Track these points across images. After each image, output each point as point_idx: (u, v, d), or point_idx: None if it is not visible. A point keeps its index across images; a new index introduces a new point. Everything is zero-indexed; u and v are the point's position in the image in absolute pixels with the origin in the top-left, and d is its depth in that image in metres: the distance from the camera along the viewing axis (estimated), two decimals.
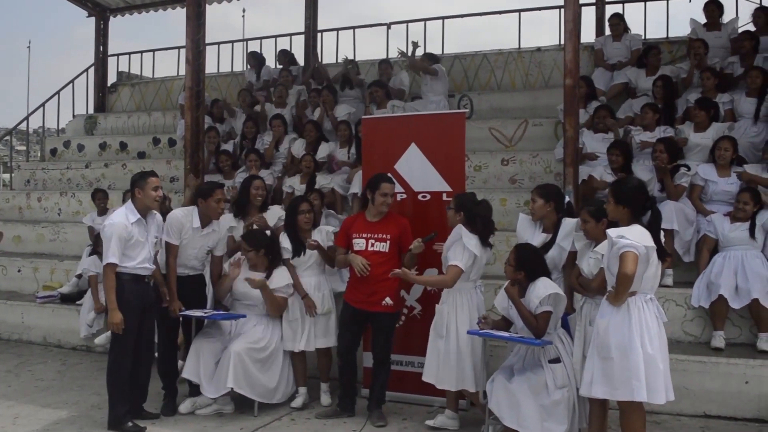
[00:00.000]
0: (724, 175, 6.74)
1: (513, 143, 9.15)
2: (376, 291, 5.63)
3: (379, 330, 5.73)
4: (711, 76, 7.79)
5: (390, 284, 5.66)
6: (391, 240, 5.67)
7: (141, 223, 5.46)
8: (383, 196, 5.65)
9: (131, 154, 11.71)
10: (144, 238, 5.47)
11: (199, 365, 5.79)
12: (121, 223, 5.35)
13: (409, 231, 5.72)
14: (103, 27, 13.27)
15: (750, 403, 5.57)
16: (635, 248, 4.16)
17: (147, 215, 5.54)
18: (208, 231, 5.97)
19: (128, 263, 5.38)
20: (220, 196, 5.92)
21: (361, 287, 5.68)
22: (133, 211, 5.46)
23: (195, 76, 8.14)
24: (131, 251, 5.39)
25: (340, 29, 12.55)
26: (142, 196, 5.47)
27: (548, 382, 4.80)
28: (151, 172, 5.62)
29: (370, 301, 5.65)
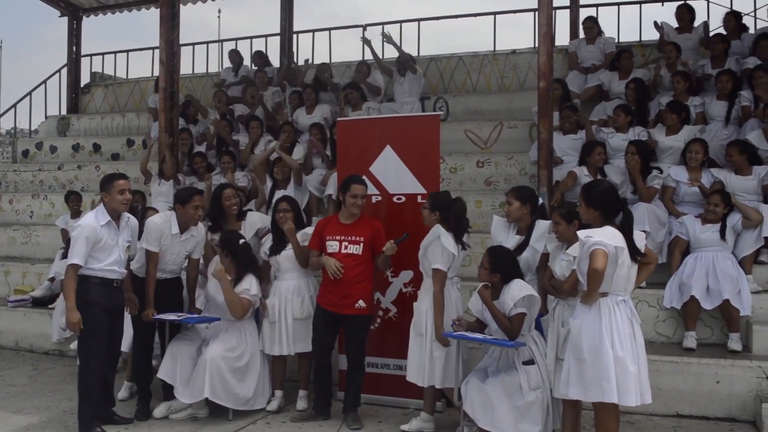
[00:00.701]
0: (695, 177, 6.82)
1: (488, 145, 9.19)
2: (349, 294, 5.60)
3: (353, 333, 5.72)
4: (681, 80, 7.88)
5: (363, 287, 5.66)
6: (364, 242, 5.66)
7: (111, 226, 5.40)
8: (353, 198, 5.64)
9: (105, 155, 11.58)
10: (114, 241, 5.41)
11: (176, 367, 5.76)
12: (90, 225, 5.28)
13: (382, 233, 5.72)
14: (76, 27, 13.13)
15: (721, 403, 5.65)
16: (604, 246, 4.20)
17: (119, 218, 5.48)
18: (187, 237, 5.94)
19: (95, 265, 5.32)
20: (197, 202, 5.88)
21: (333, 290, 5.65)
22: (104, 214, 5.40)
23: (169, 77, 8.12)
24: (99, 253, 5.33)
25: (316, 30, 12.55)
26: (109, 200, 5.40)
27: (522, 384, 4.83)
28: (119, 175, 5.54)
29: (343, 304, 5.62)
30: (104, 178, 5.54)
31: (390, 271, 6.09)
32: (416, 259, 5.58)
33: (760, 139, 7.05)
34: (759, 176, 6.70)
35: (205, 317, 5.92)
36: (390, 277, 6.11)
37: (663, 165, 7.09)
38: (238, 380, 5.79)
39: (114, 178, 5.46)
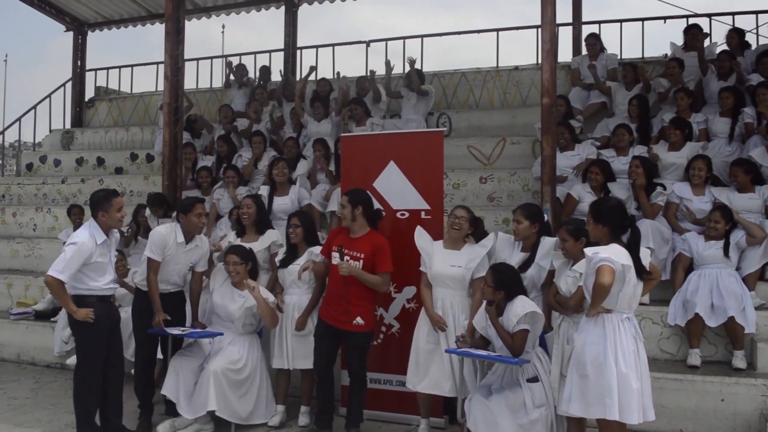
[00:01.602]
0: (698, 193, 6.82)
1: (491, 161, 9.20)
2: (349, 310, 5.52)
3: (353, 349, 5.67)
4: (684, 96, 7.90)
5: (363, 303, 5.57)
6: (364, 259, 5.57)
7: (105, 244, 5.34)
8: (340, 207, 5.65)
9: (108, 169, 11.61)
10: (106, 258, 5.35)
11: (179, 383, 5.73)
12: (86, 244, 5.18)
13: (382, 250, 5.59)
14: (81, 42, 13.23)
15: (725, 421, 5.62)
16: (612, 263, 4.20)
17: (109, 233, 5.44)
18: (191, 246, 5.94)
19: (93, 284, 5.27)
20: (200, 210, 5.89)
21: (334, 304, 5.60)
22: (99, 232, 5.32)
23: (173, 91, 8.13)
24: (94, 273, 5.27)
25: (320, 46, 12.59)
26: (107, 218, 5.33)
27: (526, 401, 4.81)
28: (114, 192, 5.49)
29: (343, 319, 5.54)
30: (99, 195, 5.43)
31: (393, 287, 6.08)
32: (418, 275, 5.58)
33: (763, 156, 7.05)
34: (763, 195, 6.69)
35: (209, 332, 5.90)
36: (393, 292, 6.10)
37: (666, 181, 7.09)
38: (239, 395, 5.77)
39: (111, 197, 5.38)
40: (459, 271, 5.46)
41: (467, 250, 5.52)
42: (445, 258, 5.48)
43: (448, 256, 5.48)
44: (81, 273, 5.20)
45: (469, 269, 5.47)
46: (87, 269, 5.22)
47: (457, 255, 5.49)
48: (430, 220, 5.97)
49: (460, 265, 5.46)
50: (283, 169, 7.94)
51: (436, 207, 5.99)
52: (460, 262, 5.47)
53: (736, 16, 10.30)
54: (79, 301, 5.24)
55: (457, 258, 5.48)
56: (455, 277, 5.47)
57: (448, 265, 5.45)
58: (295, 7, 12.32)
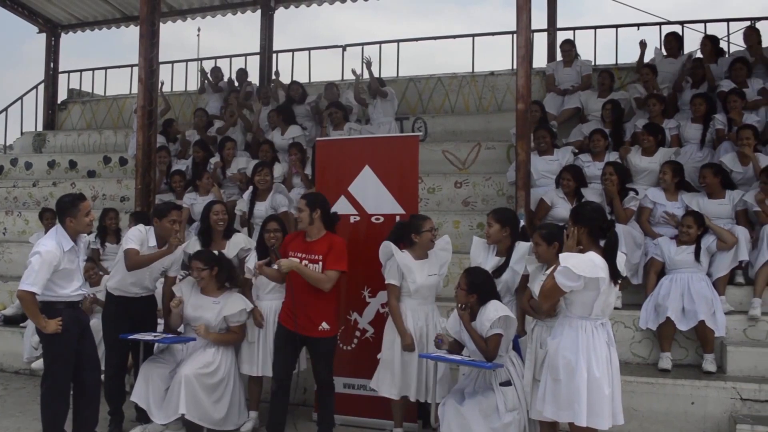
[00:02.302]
0: (671, 199, 6.89)
1: (466, 166, 9.24)
2: (311, 315, 5.43)
3: (319, 356, 5.56)
4: (657, 102, 8.00)
5: (325, 308, 5.50)
6: (323, 261, 5.47)
7: (73, 251, 5.21)
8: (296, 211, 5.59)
9: (81, 172, 11.49)
10: (74, 264, 5.23)
11: (149, 390, 5.66)
12: (52, 252, 5.03)
13: (336, 248, 5.47)
14: (54, 43, 13.11)
15: (696, 424, 5.67)
16: (566, 287, 4.25)
17: (77, 239, 5.30)
18: None
19: (62, 291, 5.14)
20: (175, 216, 5.84)
21: (295, 310, 5.46)
22: (66, 238, 5.17)
23: (147, 94, 8.07)
24: (63, 281, 5.14)
25: (296, 50, 12.57)
26: (75, 224, 5.19)
27: (499, 405, 4.81)
28: (81, 196, 5.34)
29: (306, 325, 5.44)
30: (66, 200, 5.28)
31: (367, 291, 6.07)
32: None
33: (734, 161, 7.15)
34: (733, 201, 6.77)
35: (182, 337, 5.85)
36: (368, 297, 6.09)
37: (639, 186, 7.15)
38: (212, 399, 5.71)
39: (79, 200, 5.25)
40: (435, 279, 5.54)
41: (434, 258, 5.56)
42: (421, 269, 5.46)
43: (422, 267, 5.48)
44: (49, 280, 5.07)
45: (442, 275, 5.56)
46: (55, 276, 5.09)
47: (429, 263, 5.51)
48: None
49: (435, 272, 5.52)
50: (265, 177, 7.81)
51: (411, 212, 5.96)
52: (434, 270, 5.52)
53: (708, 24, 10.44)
54: (47, 307, 5.12)
55: (430, 266, 5.51)
56: (433, 286, 5.54)
57: (426, 276, 5.46)
58: (272, 10, 12.29)
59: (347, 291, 6.16)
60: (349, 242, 6.13)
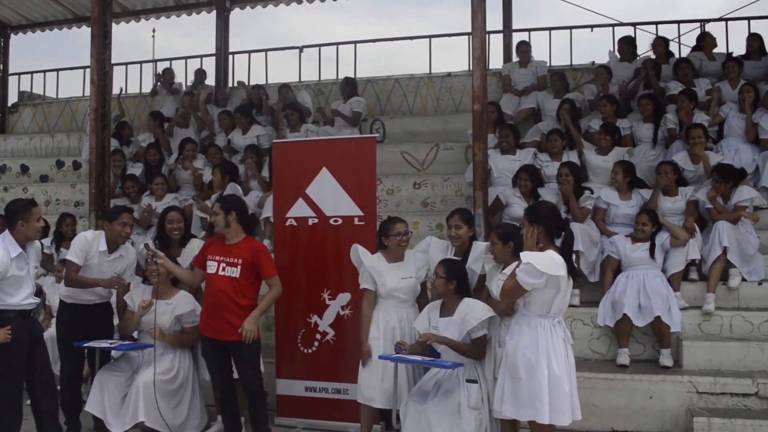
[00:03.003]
0: (625, 198, 6.99)
1: (425, 167, 9.25)
2: (228, 318, 5.33)
3: (242, 361, 5.43)
4: (608, 103, 8.12)
5: (242, 310, 5.38)
6: (242, 265, 5.39)
7: (22, 257, 5.05)
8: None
9: (33, 177, 11.22)
10: (24, 271, 5.06)
11: (104, 399, 5.55)
12: (1, 259, 4.88)
13: (264, 255, 5.47)
14: (4, 44, 12.82)
15: (654, 418, 5.76)
16: (528, 285, 4.28)
17: (26, 246, 5.15)
18: (116, 256, 5.80)
19: (11, 300, 4.98)
20: (125, 219, 5.74)
21: (213, 314, 5.39)
22: (14, 244, 5.00)
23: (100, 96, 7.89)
24: (11, 288, 4.97)
25: (252, 51, 12.48)
26: (26, 228, 5.04)
27: (461, 401, 4.80)
28: (33, 201, 5.22)
29: (224, 329, 5.34)
30: (17, 205, 5.14)
31: (327, 294, 6.04)
32: (355, 281, 5.53)
33: (685, 160, 7.29)
34: (686, 197, 6.89)
35: (138, 344, 5.75)
36: (327, 299, 6.06)
37: (594, 185, 7.26)
38: (171, 405, 5.64)
39: (31, 206, 5.11)
40: (411, 282, 5.41)
41: (410, 259, 5.47)
42: (393, 272, 5.38)
43: (395, 270, 5.39)
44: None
45: (419, 278, 5.45)
46: (3, 284, 4.94)
47: (404, 266, 5.42)
48: (363, 227, 5.94)
49: (411, 275, 5.41)
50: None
51: (370, 213, 5.97)
52: (410, 273, 5.41)
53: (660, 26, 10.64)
54: None
55: (404, 269, 5.41)
56: (408, 289, 5.40)
57: (399, 279, 5.38)
58: (227, 11, 12.16)
59: (306, 293, 6.13)
60: (307, 244, 6.15)
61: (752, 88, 7.95)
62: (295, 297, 6.12)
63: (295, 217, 6.17)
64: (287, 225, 6.21)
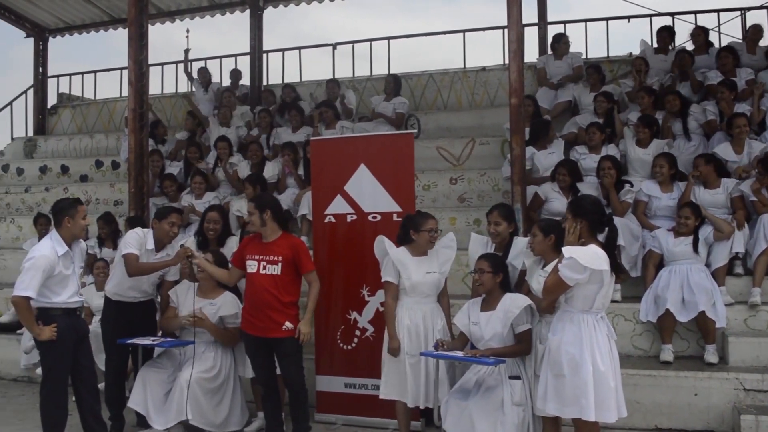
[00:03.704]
0: (666, 190, 6.88)
1: (461, 162, 9.20)
2: (272, 316, 5.39)
3: (285, 357, 5.47)
4: (646, 95, 7.98)
5: (285, 307, 5.44)
6: (283, 262, 5.43)
7: (68, 255, 5.15)
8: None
9: (73, 177, 11.39)
10: (70, 270, 5.16)
11: (146, 395, 5.62)
12: (46, 257, 4.98)
13: (303, 250, 5.53)
14: (42, 48, 12.98)
15: (699, 415, 5.67)
16: (570, 280, 4.21)
17: (72, 244, 5.25)
18: (162, 255, 5.86)
19: (57, 299, 5.08)
20: (174, 219, 5.80)
21: (257, 313, 5.44)
22: (60, 243, 5.11)
23: (138, 97, 8.02)
24: (57, 287, 5.07)
25: (286, 50, 12.52)
26: (72, 225, 5.13)
27: (505, 399, 4.77)
28: (78, 200, 5.33)
29: (268, 327, 5.40)
30: (63, 202, 5.26)
31: (366, 290, 6.04)
32: None
33: (727, 150, 7.15)
34: (727, 189, 6.76)
35: (180, 341, 5.81)
36: (366, 296, 6.06)
37: (633, 178, 7.15)
38: (213, 402, 5.69)
39: (76, 204, 5.22)
40: (435, 277, 5.37)
41: (436, 254, 5.43)
42: (418, 266, 5.35)
43: (420, 264, 5.36)
44: (43, 287, 5.01)
45: (443, 273, 5.41)
46: (50, 282, 5.03)
47: (429, 261, 5.39)
48: None
49: (435, 270, 5.37)
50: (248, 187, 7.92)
51: (408, 209, 5.93)
52: (434, 268, 5.37)
53: (699, 15, 10.44)
54: (43, 313, 5.07)
55: (429, 264, 5.38)
56: (432, 284, 5.37)
57: (423, 273, 5.34)
58: (260, 10, 12.21)
59: (345, 290, 6.14)
60: (346, 241, 6.15)
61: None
62: (334, 294, 6.14)
63: (334, 214, 6.19)
64: (326, 222, 6.22)
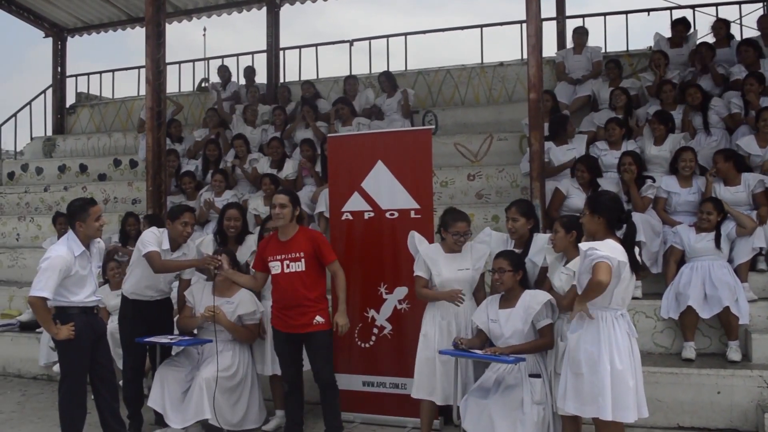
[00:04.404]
0: (686, 185, 6.79)
1: (478, 158, 9.14)
2: (304, 312, 5.38)
3: (316, 350, 5.44)
4: (671, 88, 7.87)
5: (316, 303, 5.43)
6: (306, 258, 5.40)
7: (85, 255, 5.16)
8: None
9: (92, 176, 11.46)
10: (87, 270, 5.17)
11: (164, 394, 5.61)
12: (62, 257, 4.99)
13: (323, 242, 5.50)
14: (61, 47, 13.05)
15: (722, 413, 5.58)
16: (609, 260, 4.13)
17: (89, 244, 5.26)
18: (178, 254, 5.85)
19: (74, 298, 5.09)
20: (187, 219, 5.79)
21: (287, 312, 5.42)
22: (77, 243, 5.12)
23: (155, 95, 8.02)
24: (75, 287, 5.09)
25: (303, 47, 12.49)
26: (85, 228, 5.14)
27: (525, 398, 4.73)
28: (92, 201, 5.30)
29: (299, 324, 5.39)
30: (75, 204, 5.25)
31: (384, 288, 6.01)
32: (411, 275, 5.46)
33: (750, 144, 7.03)
34: (748, 186, 6.64)
35: (197, 339, 5.80)
36: (384, 293, 6.02)
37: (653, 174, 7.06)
38: (232, 401, 5.69)
39: (88, 206, 5.20)
40: (468, 274, 5.27)
41: (469, 250, 5.34)
42: (449, 263, 5.27)
43: (452, 261, 5.28)
44: (60, 286, 5.03)
45: (477, 270, 5.30)
46: (67, 282, 5.04)
47: (461, 257, 5.30)
48: (420, 220, 5.89)
49: (468, 267, 5.27)
50: (269, 184, 8.00)
51: (426, 206, 5.91)
52: (466, 265, 5.28)
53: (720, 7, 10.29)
54: (61, 312, 5.10)
55: (462, 261, 5.29)
56: (465, 281, 5.25)
57: (455, 270, 5.25)
58: (277, 7, 12.20)
59: (362, 288, 6.10)
60: (364, 238, 6.12)
61: None
62: (351, 291, 6.06)
63: (351, 211, 6.16)
64: (343, 219, 6.19)
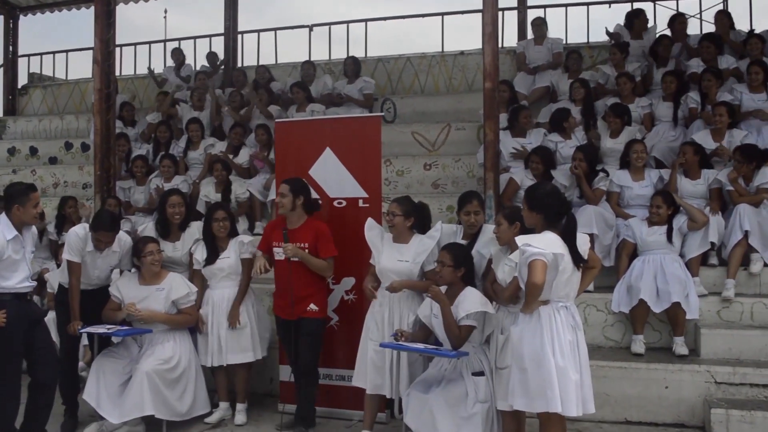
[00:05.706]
0: (638, 179, 6.74)
1: (436, 147, 9.04)
2: (301, 299, 5.40)
3: (305, 336, 5.43)
4: (627, 81, 7.84)
5: (314, 292, 5.46)
6: (309, 248, 5.43)
7: (18, 240, 4.97)
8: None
9: (42, 159, 11.14)
10: (20, 255, 4.98)
11: (99, 387, 5.41)
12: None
13: (325, 235, 5.48)
14: (13, 26, 12.67)
15: (670, 408, 5.56)
16: (543, 256, 4.04)
17: (22, 229, 5.06)
18: (108, 252, 5.67)
19: (6, 283, 4.91)
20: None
21: (285, 296, 5.45)
22: (9, 227, 4.93)
23: (104, 77, 7.75)
24: (6, 271, 4.90)
25: (261, 31, 12.30)
26: (21, 213, 4.95)
27: (469, 394, 4.64)
28: (32, 186, 5.10)
29: (295, 311, 5.41)
30: (15, 188, 5.07)
31: (330, 279, 5.87)
32: (359, 265, 5.42)
33: (706, 138, 7.02)
34: (708, 181, 6.64)
35: (136, 329, 5.60)
36: (331, 284, 5.88)
37: (607, 168, 7.02)
38: (177, 393, 5.53)
39: (29, 191, 5.02)
40: (405, 266, 5.19)
41: (415, 243, 5.26)
42: (391, 252, 5.23)
43: (395, 251, 5.23)
44: None
45: (416, 263, 5.20)
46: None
47: (405, 249, 5.23)
48: (368, 209, 5.75)
49: (407, 259, 5.19)
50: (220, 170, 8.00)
51: (374, 195, 5.78)
52: (406, 257, 5.20)
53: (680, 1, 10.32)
54: None
55: (404, 252, 5.22)
56: (401, 272, 5.18)
57: (394, 260, 5.20)
58: None
59: None
60: None
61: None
62: None
63: None
64: None
